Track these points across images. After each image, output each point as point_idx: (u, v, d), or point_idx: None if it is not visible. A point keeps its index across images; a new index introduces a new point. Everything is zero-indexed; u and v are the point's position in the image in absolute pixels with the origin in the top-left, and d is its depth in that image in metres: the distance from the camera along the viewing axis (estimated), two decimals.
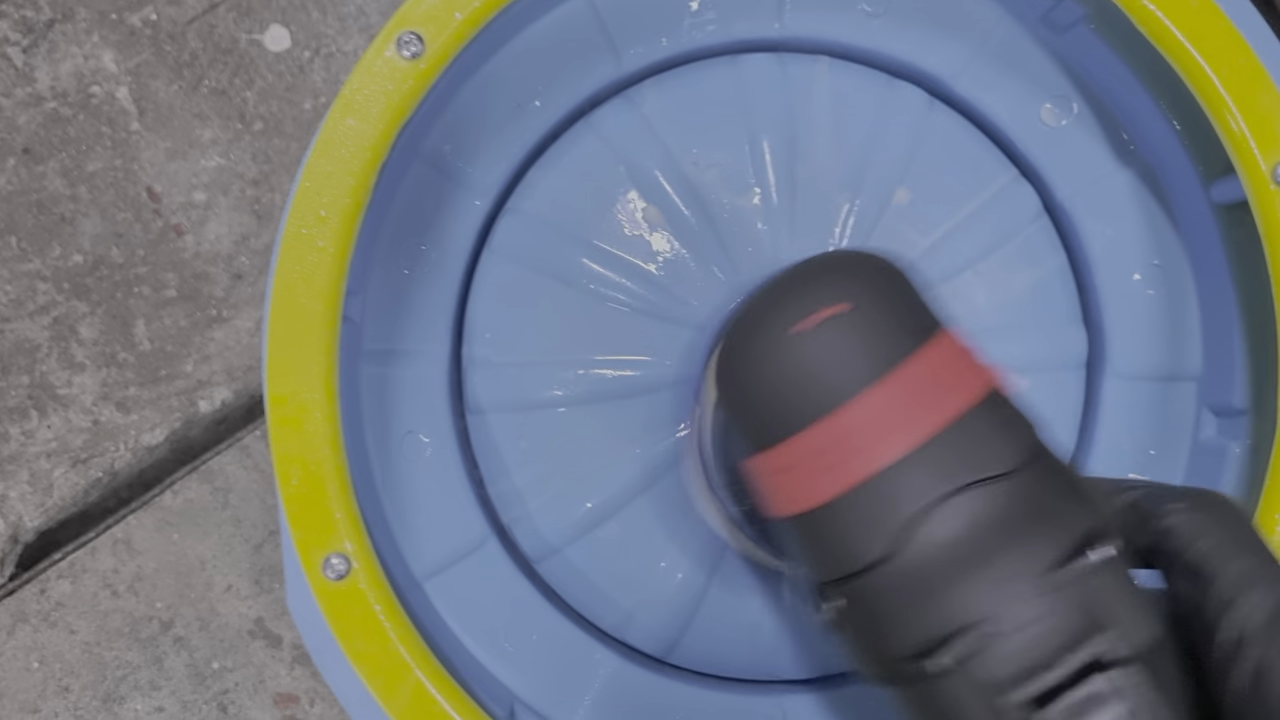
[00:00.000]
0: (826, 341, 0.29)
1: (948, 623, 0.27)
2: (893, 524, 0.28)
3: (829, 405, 0.29)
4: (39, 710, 0.63)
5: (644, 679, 0.43)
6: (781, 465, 0.30)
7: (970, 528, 0.28)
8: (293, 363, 0.34)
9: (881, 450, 0.28)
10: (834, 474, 0.29)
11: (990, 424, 0.29)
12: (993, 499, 0.28)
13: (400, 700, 0.35)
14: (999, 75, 0.45)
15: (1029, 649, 0.27)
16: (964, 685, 0.27)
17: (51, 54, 0.66)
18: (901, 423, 0.28)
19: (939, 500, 0.28)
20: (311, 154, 0.35)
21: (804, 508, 0.29)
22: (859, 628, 0.29)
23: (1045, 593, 0.27)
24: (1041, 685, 0.27)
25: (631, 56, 0.45)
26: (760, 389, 0.30)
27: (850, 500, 0.28)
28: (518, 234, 0.44)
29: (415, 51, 0.35)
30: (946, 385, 0.29)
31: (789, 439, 0.29)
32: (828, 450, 0.29)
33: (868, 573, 0.28)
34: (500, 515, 0.45)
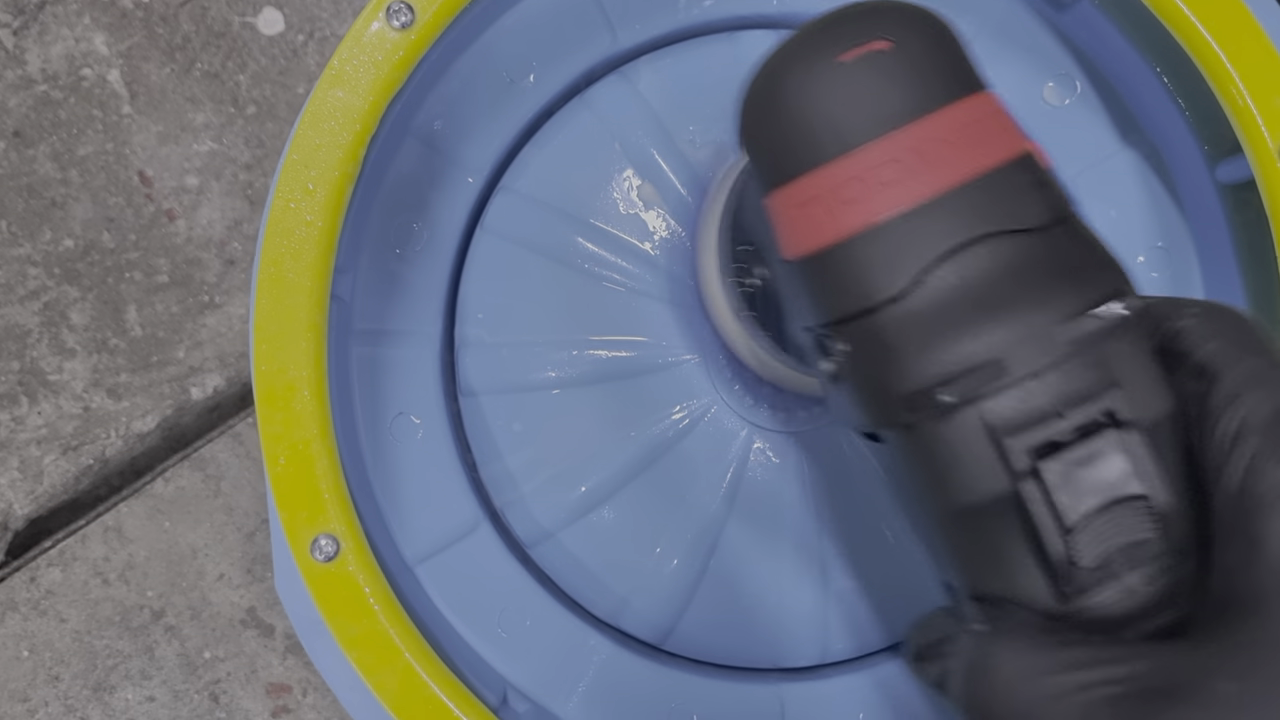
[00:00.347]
0: (864, 75, 0.28)
1: (960, 360, 0.27)
2: (911, 263, 0.27)
3: (859, 139, 0.28)
4: (29, 699, 0.63)
5: (638, 666, 0.43)
6: (805, 197, 0.29)
7: (991, 273, 0.27)
8: (280, 339, 0.34)
9: (908, 190, 0.27)
10: (857, 208, 0.28)
11: (1022, 181, 0.28)
12: (1017, 249, 0.28)
13: (390, 684, 0.34)
14: (1001, 53, 0.44)
15: (1041, 394, 0.27)
16: (971, 423, 0.27)
17: (42, 36, 0.65)
18: (930, 166, 0.28)
19: (962, 245, 0.27)
20: (299, 126, 0.34)
21: (822, 243, 0.28)
22: (864, 368, 0.28)
23: (1062, 342, 0.27)
24: (1050, 433, 0.27)
25: (628, 32, 0.44)
26: (793, 117, 0.29)
27: (870, 237, 0.28)
28: (511, 212, 0.44)
29: (405, 21, 0.34)
30: (983, 137, 0.28)
31: (816, 169, 0.28)
32: (853, 184, 0.28)
33: (882, 309, 0.28)
34: (493, 499, 0.44)
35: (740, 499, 0.44)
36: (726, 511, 0.44)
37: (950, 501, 0.28)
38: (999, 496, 0.27)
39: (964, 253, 0.27)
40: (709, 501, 0.44)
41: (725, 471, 0.43)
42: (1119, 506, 0.27)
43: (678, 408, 0.44)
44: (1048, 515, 0.27)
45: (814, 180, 0.28)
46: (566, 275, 0.44)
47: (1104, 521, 0.27)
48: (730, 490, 0.43)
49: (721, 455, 0.44)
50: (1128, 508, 0.27)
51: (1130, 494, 0.27)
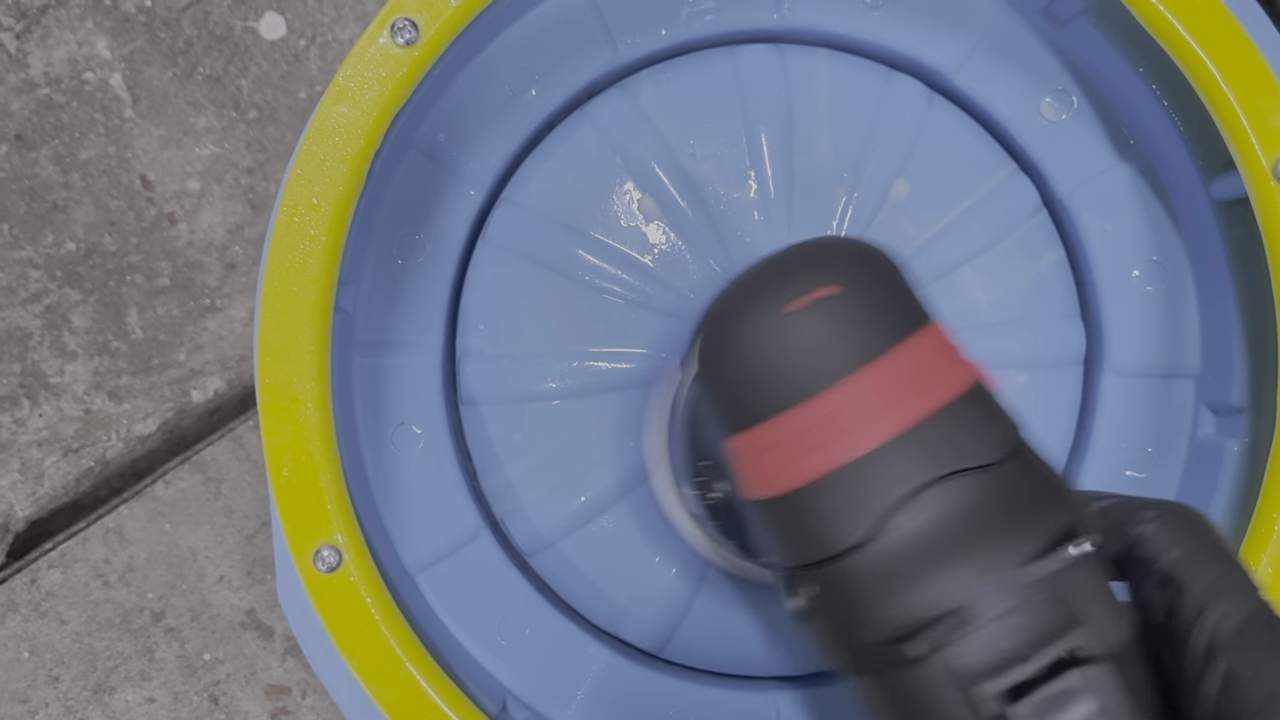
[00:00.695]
0: (816, 322, 0.29)
1: (925, 609, 0.27)
2: (873, 509, 0.28)
3: (815, 386, 0.28)
4: (29, 700, 0.63)
5: (637, 674, 0.43)
6: (763, 445, 0.29)
7: (951, 516, 0.28)
8: (284, 352, 0.34)
9: (865, 434, 0.28)
10: (816, 456, 0.28)
11: (975, 415, 0.29)
12: (975, 489, 0.28)
13: (391, 694, 0.34)
14: (999, 68, 0.45)
15: (1005, 639, 0.27)
16: (938, 673, 0.27)
17: (45, 40, 0.65)
18: (886, 408, 0.28)
19: (921, 487, 0.28)
20: (304, 141, 0.34)
21: (783, 489, 0.29)
22: (832, 614, 0.29)
23: (1024, 584, 0.27)
24: (1017, 677, 0.27)
25: (628, 46, 0.44)
26: (746, 366, 0.30)
27: (830, 483, 0.28)
28: (513, 225, 0.44)
29: (409, 38, 0.35)
30: (933, 375, 0.29)
31: (772, 418, 0.29)
32: (811, 431, 0.28)
33: (845, 556, 0.28)
34: (493, 508, 0.45)
35: None
36: None
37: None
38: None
39: (923, 495, 0.28)
40: None
41: None
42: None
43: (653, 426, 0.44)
44: None
45: (772, 428, 0.29)
46: (567, 287, 0.44)
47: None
48: None
49: None
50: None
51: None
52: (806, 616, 0.30)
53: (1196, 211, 0.43)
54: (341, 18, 0.67)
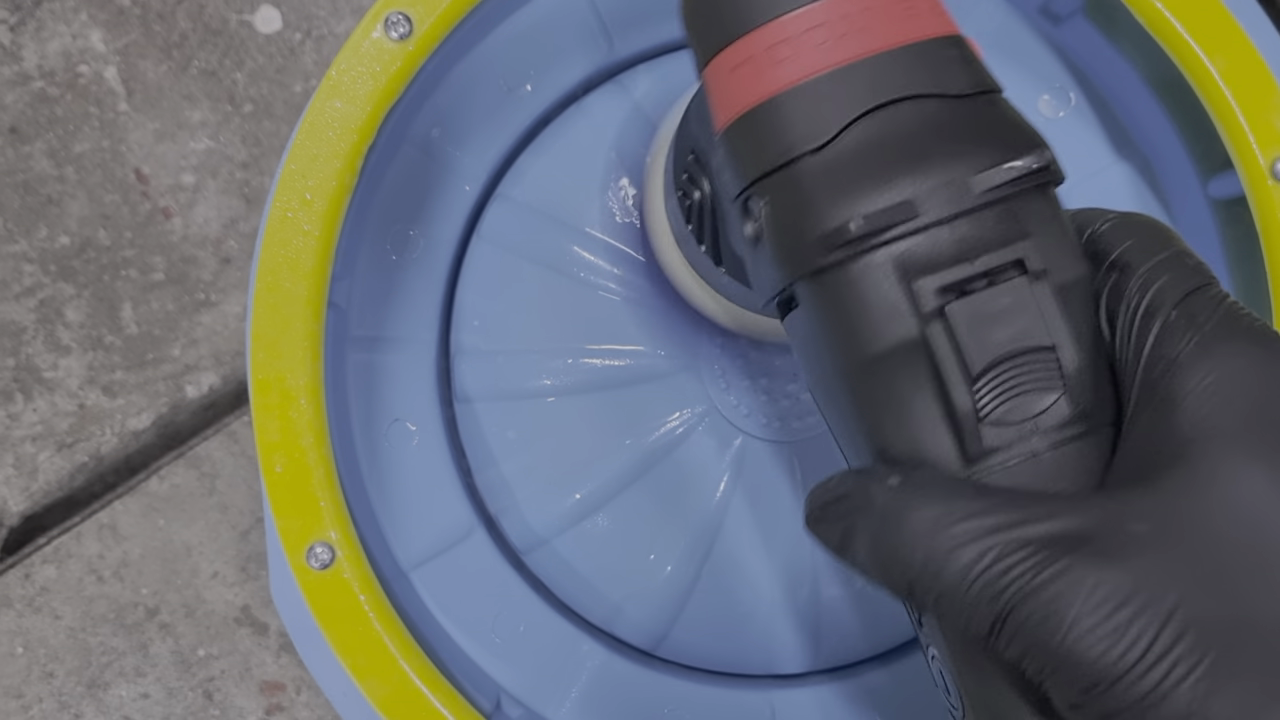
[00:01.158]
0: None
1: (873, 203, 0.27)
2: (834, 116, 0.28)
3: (796, 2, 0.28)
4: (23, 695, 0.63)
5: (632, 672, 0.43)
6: (737, 61, 0.29)
7: (912, 130, 0.28)
8: (277, 348, 0.34)
9: (836, 51, 0.28)
10: (785, 67, 0.28)
11: (950, 55, 0.29)
12: (940, 110, 0.28)
13: (384, 691, 0.34)
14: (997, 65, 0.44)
15: (952, 239, 0.27)
16: (880, 265, 0.27)
17: (39, 32, 0.65)
18: (861, 31, 0.28)
19: (886, 103, 0.28)
20: (297, 136, 0.34)
21: (750, 102, 0.29)
22: (782, 220, 0.29)
23: (977, 192, 0.27)
24: (960, 274, 0.27)
25: (624, 42, 0.44)
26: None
27: (796, 94, 0.28)
28: (507, 220, 0.44)
29: (403, 33, 0.34)
30: (914, 13, 0.29)
31: (748, 33, 0.29)
32: (783, 45, 0.28)
33: (801, 160, 0.28)
34: (488, 505, 0.45)
35: (733, 507, 0.44)
36: (720, 519, 0.44)
37: (859, 352, 0.28)
38: (907, 342, 0.27)
39: (887, 109, 0.28)
40: (703, 509, 0.44)
41: (719, 479, 0.44)
42: (1026, 356, 0.27)
43: (672, 416, 0.44)
44: (954, 360, 0.27)
45: (747, 43, 0.29)
46: (562, 283, 0.44)
47: (1010, 370, 0.27)
48: (724, 498, 0.44)
49: (716, 463, 0.44)
50: (1035, 358, 0.27)
51: (1038, 345, 0.27)
52: (759, 237, 0.30)
53: (1194, 210, 0.43)
54: (337, 11, 0.67)
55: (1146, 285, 0.27)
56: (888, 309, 0.27)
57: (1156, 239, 0.28)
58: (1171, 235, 0.29)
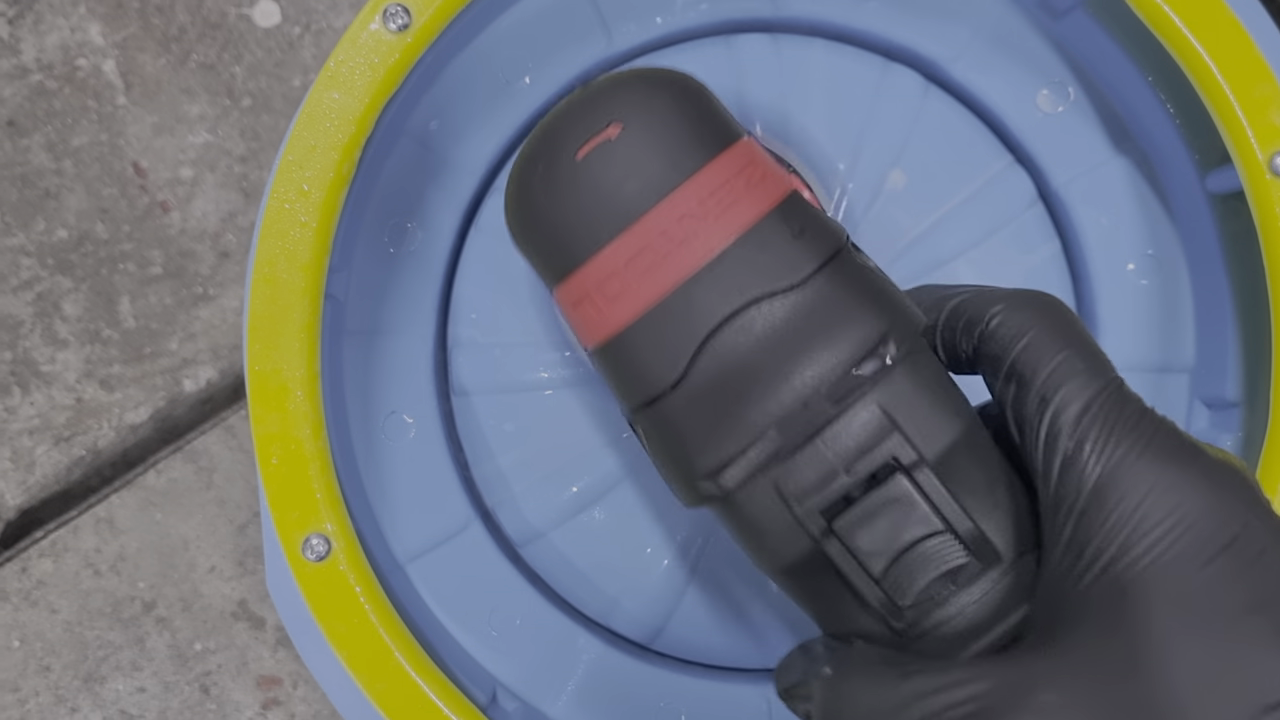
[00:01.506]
0: (601, 168, 0.28)
1: (740, 437, 0.27)
2: (680, 349, 0.28)
3: (610, 233, 0.28)
4: (19, 689, 0.63)
5: (628, 665, 0.43)
6: (576, 297, 0.29)
7: (760, 342, 0.28)
8: (274, 340, 0.34)
9: (665, 274, 0.28)
10: (619, 303, 0.28)
11: (780, 236, 0.28)
12: (783, 310, 0.28)
13: (380, 683, 0.34)
14: (996, 60, 0.44)
15: (823, 453, 0.27)
16: (765, 495, 0.28)
17: (38, 25, 0.65)
18: (684, 244, 0.28)
19: (725, 319, 0.28)
20: (295, 127, 0.34)
21: (600, 338, 0.29)
22: (663, 453, 0.29)
23: (839, 397, 0.27)
24: (838, 490, 0.27)
25: (623, 34, 0.44)
26: (546, 222, 0.29)
27: (641, 326, 0.28)
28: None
29: (402, 24, 0.34)
30: (733, 198, 0.28)
31: (577, 269, 0.29)
32: (612, 280, 0.28)
33: (662, 399, 0.28)
34: (484, 498, 0.45)
35: None
36: None
37: (773, 563, 0.29)
38: (809, 556, 0.28)
39: (728, 327, 0.28)
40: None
41: None
42: (923, 544, 0.27)
43: None
44: (855, 569, 0.27)
45: (578, 281, 0.29)
46: None
47: (912, 561, 0.27)
48: None
49: None
50: (933, 543, 0.27)
51: (929, 531, 0.27)
52: (649, 454, 0.30)
53: (1192, 205, 0.43)
54: (336, 5, 0.66)
55: (1044, 405, 0.27)
56: (782, 531, 0.28)
57: (1048, 334, 0.28)
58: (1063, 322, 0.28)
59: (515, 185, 0.30)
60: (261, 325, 0.34)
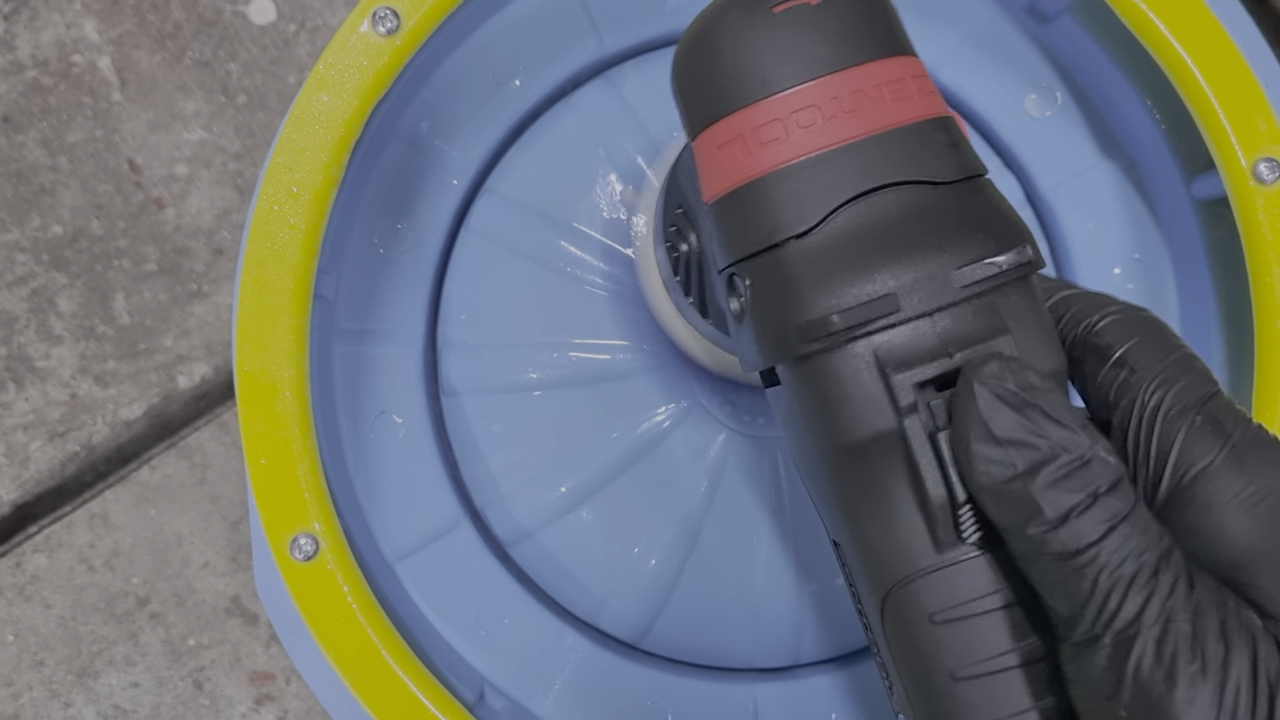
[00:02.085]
0: (793, 25, 0.29)
1: (855, 294, 0.27)
2: (819, 202, 0.28)
3: (783, 84, 0.29)
4: (13, 683, 0.63)
5: (615, 664, 0.43)
6: (726, 137, 0.30)
7: (896, 218, 0.28)
8: (263, 340, 0.34)
9: (823, 134, 0.28)
10: (773, 148, 0.29)
11: (937, 139, 0.29)
12: (924, 198, 0.28)
13: (367, 682, 0.35)
14: (984, 64, 0.45)
15: (931, 333, 0.27)
16: (861, 357, 0.28)
17: (33, 22, 0.65)
18: (849, 114, 0.28)
19: (871, 189, 0.28)
20: (284, 129, 0.34)
21: (737, 181, 0.29)
22: (765, 302, 0.29)
23: (957, 286, 0.27)
24: (938, 369, 0.27)
25: (613, 37, 0.44)
26: (721, 61, 0.30)
27: (782, 176, 0.29)
28: (496, 215, 0.44)
29: (391, 27, 0.35)
30: (901, 96, 0.29)
31: (738, 110, 0.29)
32: (773, 125, 0.29)
33: (785, 245, 0.29)
34: (473, 498, 0.45)
35: (717, 502, 0.44)
36: (704, 514, 0.44)
37: (838, 438, 0.28)
38: (884, 433, 0.28)
39: (872, 196, 0.28)
40: (687, 503, 0.44)
41: (703, 475, 0.44)
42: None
43: (658, 411, 0.44)
44: (929, 453, 0.27)
45: (735, 121, 0.29)
46: (549, 278, 0.44)
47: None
48: (708, 493, 0.44)
49: (699, 458, 0.44)
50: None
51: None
52: (743, 313, 0.30)
53: (1178, 210, 0.43)
54: (331, 3, 0.67)
55: (1165, 386, 0.28)
56: (866, 400, 0.28)
57: (1164, 340, 0.29)
58: (1176, 336, 0.29)
59: (697, 26, 0.31)
60: (251, 326, 0.34)
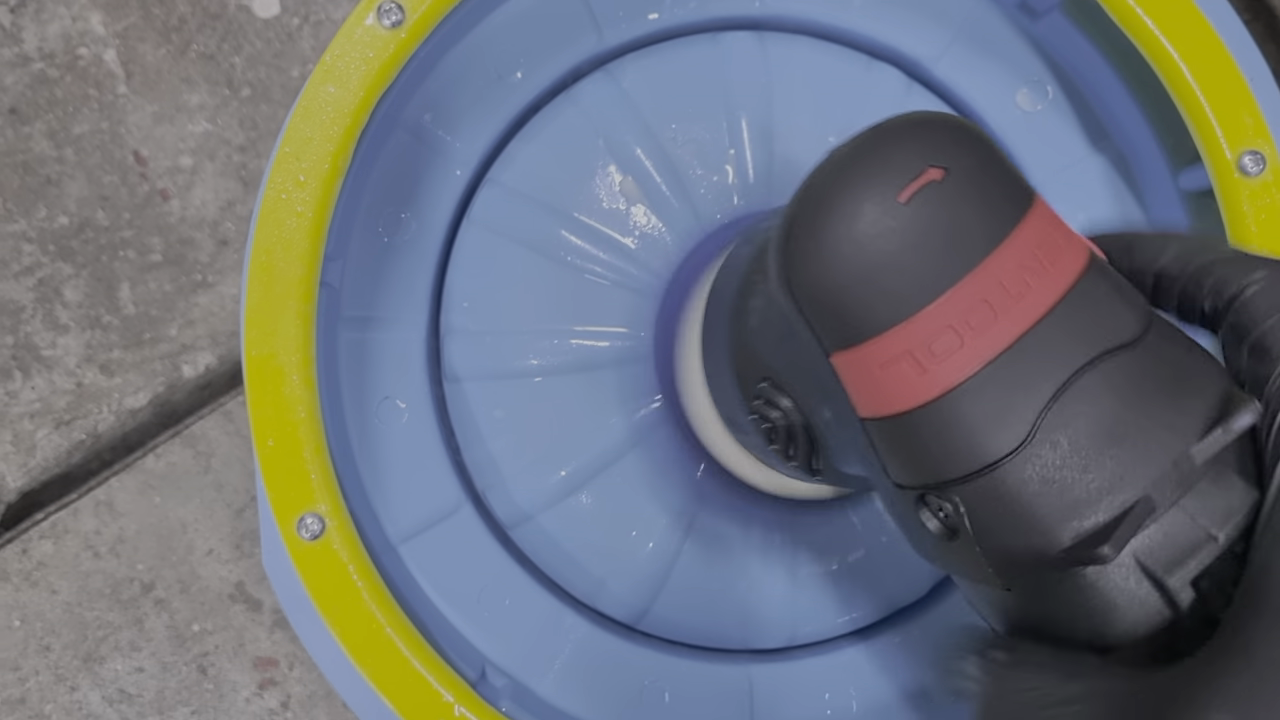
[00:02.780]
0: (929, 212, 0.25)
1: (1107, 507, 0.25)
2: (1025, 408, 0.25)
3: (948, 281, 0.25)
4: (20, 668, 0.64)
5: (614, 645, 0.44)
6: (889, 355, 0.26)
7: (1109, 402, 0.25)
8: (270, 326, 0.35)
9: (1002, 331, 0.25)
10: (952, 361, 0.25)
11: (1104, 290, 0.26)
12: (1124, 368, 0.25)
13: (372, 658, 0.35)
14: (977, 59, 0.45)
15: (1188, 521, 0.25)
16: (1127, 569, 0.25)
17: (39, 14, 0.66)
18: (1019, 299, 0.25)
19: (1071, 377, 0.25)
20: (291, 119, 0.35)
21: (913, 403, 0.26)
22: (993, 527, 0.26)
23: (1201, 465, 0.25)
24: (1208, 557, 0.25)
25: (614, 31, 0.45)
26: (858, 271, 0.26)
27: (970, 389, 0.25)
28: (497, 205, 0.45)
29: (396, 20, 0.35)
30: (1055, 253, 0.26)
31: (894, 327, 0.26)
32: (945, 334, 0.25)
33: (998, 466, 0.25)
34: (475, 482, 0.46)
35: (713, 486, 0.45)
36: (700, 498, 0.45)
37: (1103, 640, 0.26)
38: (1160, 627, 0.25)
39: (1075, 384, 0.25)
40: (684, 488, 0.45)
41: (700, 460, 0.45)
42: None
43: (656, 397, 0.45)
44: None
45: (895, 338, 0.26)
46: (550, 267, 0.45)
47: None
48: (704, 477, 0.45)
49: (696, 444, 0.45)
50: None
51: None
52: (950, 534, 0.27)
53: (1166, 203, 0.44)
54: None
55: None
56: (1141, 607, 0.25)
57: None
58: None
59: (813, 224, 0.27)
60: (259, 312, 0.35)
